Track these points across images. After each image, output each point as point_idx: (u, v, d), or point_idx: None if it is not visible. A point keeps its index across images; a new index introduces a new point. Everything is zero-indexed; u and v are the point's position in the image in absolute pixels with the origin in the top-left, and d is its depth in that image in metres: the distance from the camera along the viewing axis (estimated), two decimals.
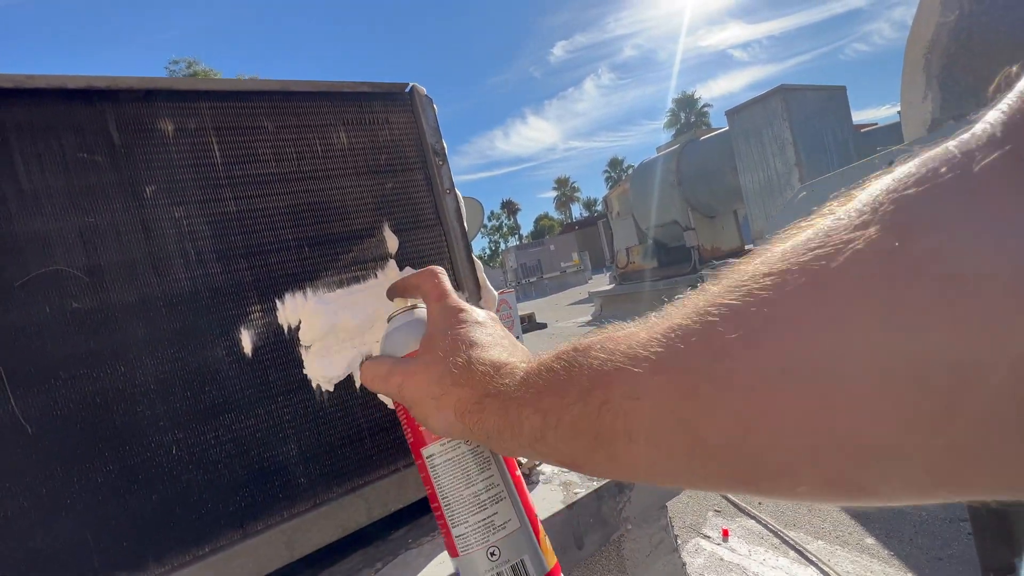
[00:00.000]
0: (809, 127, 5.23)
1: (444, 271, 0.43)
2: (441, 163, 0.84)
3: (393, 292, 0.46)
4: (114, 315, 0.58)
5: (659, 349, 0.23)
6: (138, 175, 0.62)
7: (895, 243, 0.17)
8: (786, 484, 0.19)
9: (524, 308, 10.01)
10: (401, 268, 0.78)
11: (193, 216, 0.65)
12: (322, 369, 0.69)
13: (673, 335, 0.22)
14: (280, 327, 0.68)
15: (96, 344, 0.57)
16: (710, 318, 0.21)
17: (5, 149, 0.55)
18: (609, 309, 7.80)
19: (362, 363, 0.42)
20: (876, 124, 8.69)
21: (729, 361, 0.20)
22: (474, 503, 0.36)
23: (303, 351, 0.69)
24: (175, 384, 0.61)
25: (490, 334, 0.37)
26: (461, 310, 0.39)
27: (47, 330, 0.55)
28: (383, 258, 0.77)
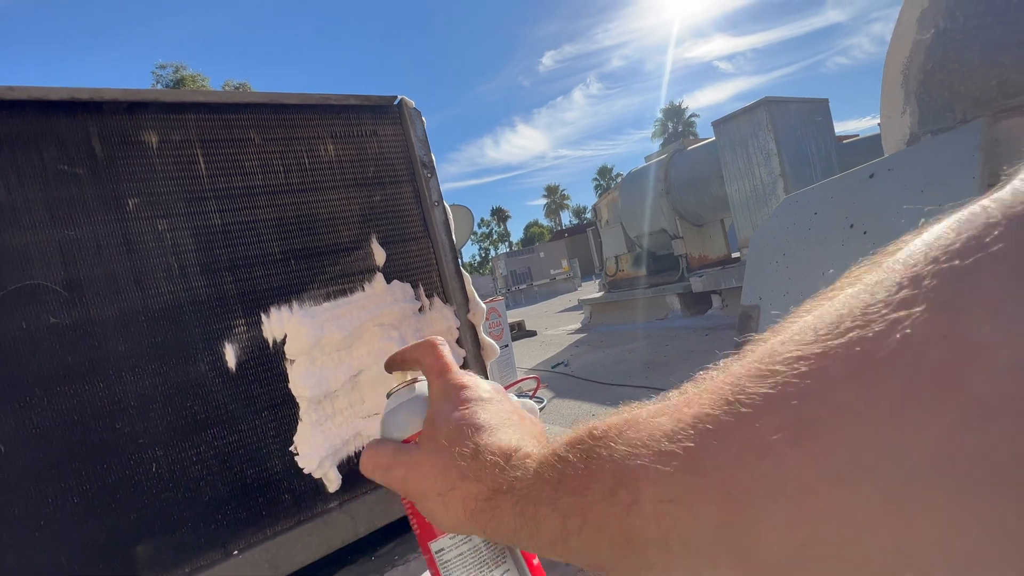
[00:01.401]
0: (793, 138, 5.33)
1: (445, 342, 0.39)
2: (429, 175, 0.84)
3: (392, 366, 0.42)
4: (93, 330, 0.57)
5: (689, 444, 0.20)
6: (120, 188, 0.61)
7: (949, 327, 0.15)
8: None
9: (514, 315, 10.00)
10: (388, 281, 0.78)
11: (177, 229, 0.64)
12: (308, 383, 0.68)
13: (703, 427, 0.20)
14: (265, 341, 0.68)
15: (74, 359, 0.56)
16: (743, 410, 0.19)
17: None
18: (598, 316, 7.83)
19: (365, 446, 0.38)
20: (857, 136, 8.88)
21: (774, 462, 0.18)
22: None
23: (288, 365, 0.68)
24: (156, 399, 0.60)
25: (496, 413, 0.34)
26: (464, 387, 0.36)
27: (23, 345, 0.54)
28: (370, 271, 0.77)
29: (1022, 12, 1.69)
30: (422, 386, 0.39)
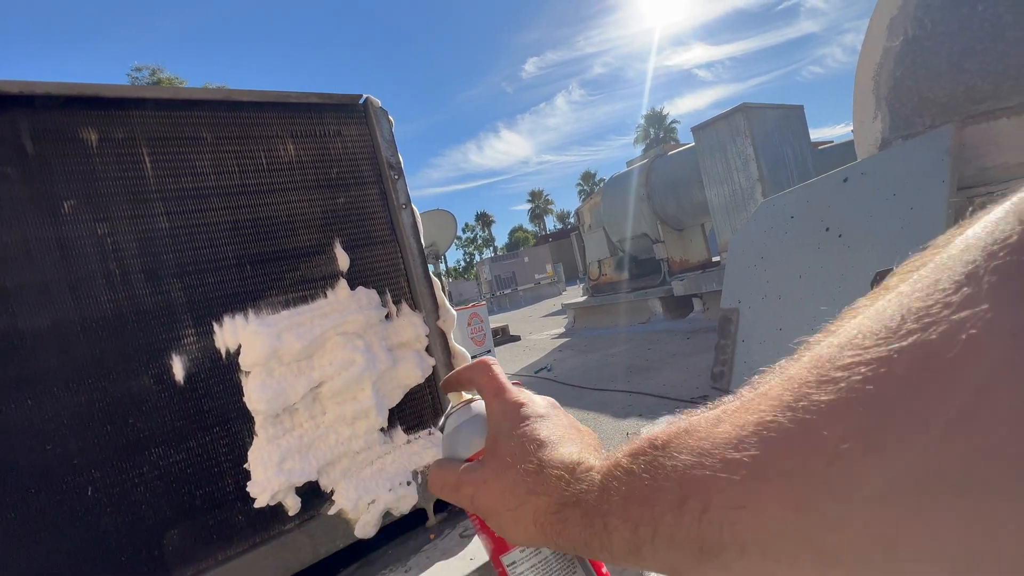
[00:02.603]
0: (770, 144, 5.43)
1: (496, 362, 0.41)
2: (397, 177, 0.81)
3: (448, 387, 0.45)
4: (21, 342, 0.53)
5: (755, 452, 0.21)
6: (55, 188, 0.56)
7: (1017, 324, 0.15)
8: None
9: (498, 320, 9.95)
10: (353, 287, 0.75)
11: (118, 233, 0.60)
12: (264, 396, 0.64)
13: (768, 435, 0.20)
14: (217, 351, 0.64)
15: None
16: (807, 416, 0.19)
17: None
18: (582, 321, 7.84)
19: (431, 467, 0.40)
20: (832, 142, 9.11)
21: (847, 469, 0.18)
22: None
23: (243, 377, 0.64)
24: (94, 417, 0.55)
25: (555, 428, 0.36)
26: (522, 404, 0.37)
27: None
28: (333, 276, 0.74)
29: (987, 20, 1.73)
30: (479, 405, 0.41)
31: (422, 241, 0.82)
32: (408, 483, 0.72)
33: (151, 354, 0.60)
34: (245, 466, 0.63)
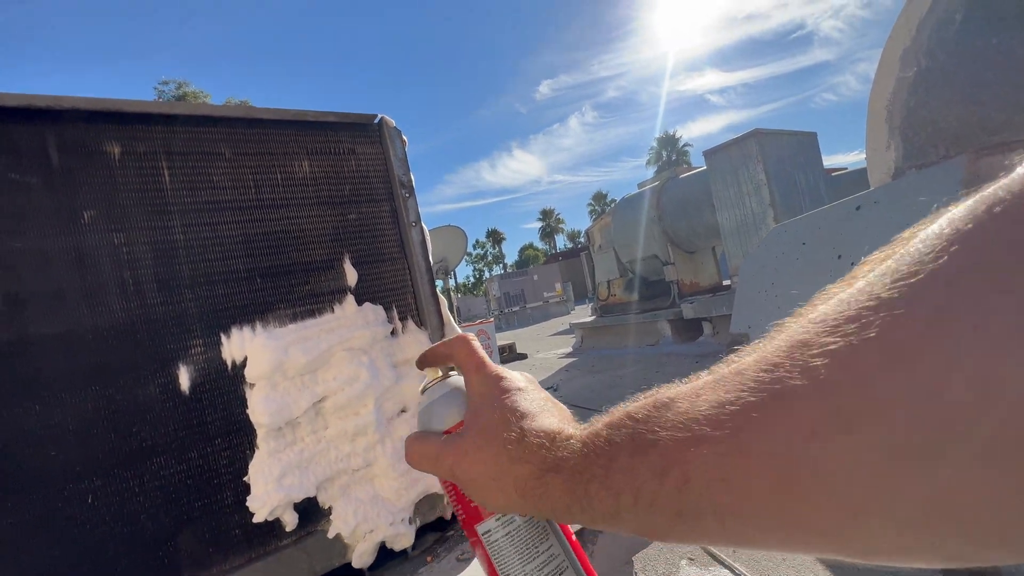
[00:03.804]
0: (782, 169, 5.42)
1: (475, 337, 0.42)
2: (408, 195, 0.82)
3: (424, 361, 0.45)
4: (32, 348, 0.54)
5: (736, 428, 0.22)
6: (76, 199, 0.58)
7: (977, 314, 0.16)
8: (898, 562, 0.20)
9: (506, 338, 9.91)
10: (360, 303, 0.75)
11: (135, 243, 0.61)
12: (268, 409, 0.64)
13: (749, 413, 0.22)
14: (223, 363, 0.64)
15: (6, 379, 0.52)
16: (786, 397, 0.21)
17: None
18: (590, 341, 7.78)
19: (407, 439, 0.40)
20: (845, 169, 9.06)
21: (822, 446, 0.19)
22: None
23: (248, 389, 0.65)
24: (98, 424, 0.56)
25: (534, 400, 0.37)
26: (502, 378, 0.38)
27: None
28: (341, 292, 0.74)
29: (1001, 53, 1.74)
30: (456, 380, 0.41)
31: (430, 259, 0.83)
32: (409, 521, 0.71)
33: (159, 363, 0.60)
34: (245, 479, 0.63)
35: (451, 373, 0.43)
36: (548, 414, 0.36)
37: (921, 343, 0.17)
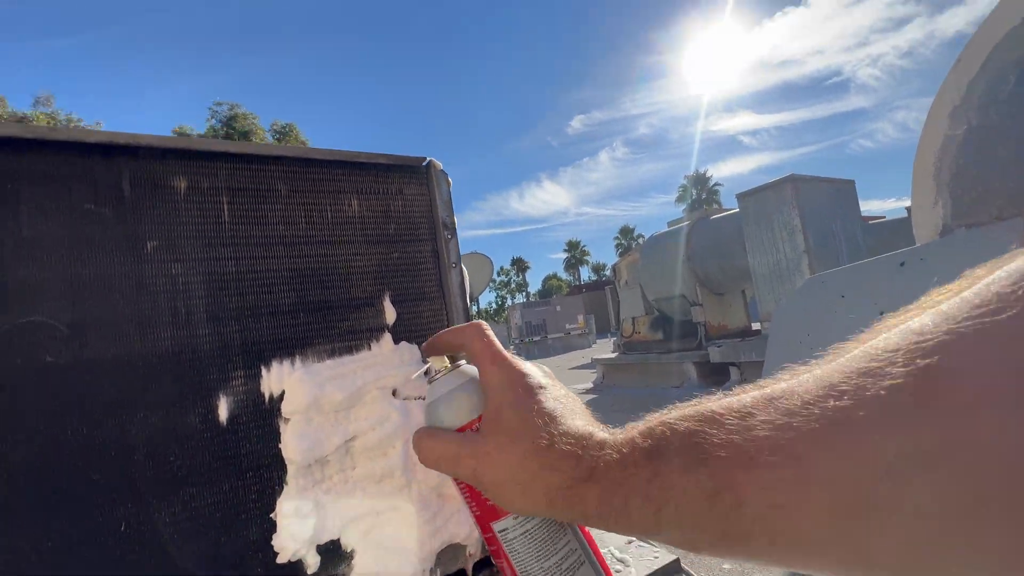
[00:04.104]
0: (818, 216, 5.32)
1: (488, 326, 0.39)
2: (450, 237, 0.83)
3: (432, 349, 0.42)
4: (87, 372, 0.55)
5: (798, 455, 0.21)
6: (142, 230, 0.61)
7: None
8: None
9: None
10: (396, 341, 0.76)
11: (191, 274, 0.63)
12: (301, 446, 0.64)
13: (811, 438, 0.20)
14: (261, 395, 0.65)
15: (60, 401, 0.54)
16: (857, 426, 0.19)
17: (13, 197, 0.55)
18: (611, 378, 7.64)
19: (417, 435, 0.38)
20: (884, 217, 8.84)
21: (899, 484, 0.18)
22: (557, 573, 0.34)
23: (282, 423, 0.65)
24: (138, 451, 0.57)
25: (559, 399, 0.35)
26: (524, 374, 0.36)
27: (11, 382, 0.52)
28: (379, 329, 0.75)
29: None
30: (469, 370, 0.39)
31: (468, 301, 0.84)
32: (430, 572, 0.69)
33: (201, 393, 0.61)
34: (272, 515, 0.63)
35: (460, 363, 0.40)
36: (574, 415, 0.34)
37: (1019, 381, 0.16)
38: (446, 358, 0.41)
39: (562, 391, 0.37)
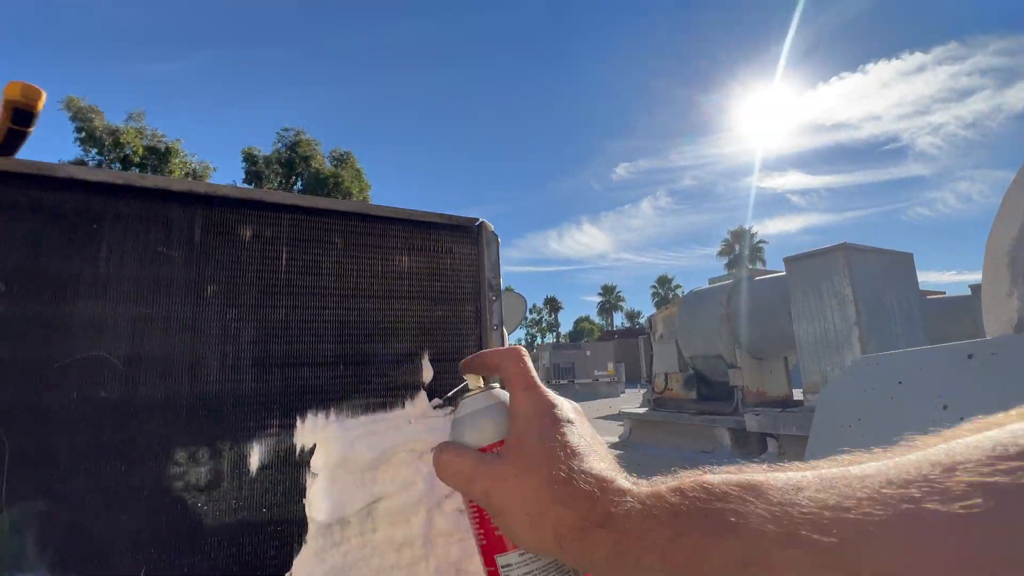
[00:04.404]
0: (872, 288, 5.07)
1: (527, 353, 0.39)
2: (494, 299, 0.83)
3: (469, 368, 0.42)
4: (135, 410, 0.57)
5: (842, 540, 0.19)
6: (205, 273, 0.64)
7: None
8: None
9: None
10: (431, 399, 0.75)
11: (243, 319, 0.65)
12: (325, 504, 0.63)
13: (861, 528, 0.18)
14: (293, 447, 0.65)
15: (109, 438, 0.55)
16: (918, 525, 0.17)
17: (98, 236, 0.58)
18: (639, 434, 7.34)
19: (437, 448, 0.38)
20: (944, 293, 8.35)
21: None
22: None
23: (310, 478, 0.64)
24: (168, 495, 0.57)
25: (584, 437, 0.34)
26: (554, 406, 0.35)
27: (66, 416, 0.54)
28: (415, 387, 0.74)
29: None
30: (500, 394, 0.38)
31: None
32: None
33: (236, 439, 0.62)
34: (287, 575, 0.61)
35: (493, 385, 0.40)
36: (597, 457, 0.33)
37: None
38: (481, 378, 0.41)
39: (589, 430, 0.36)
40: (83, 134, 22.77)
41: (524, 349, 0.40)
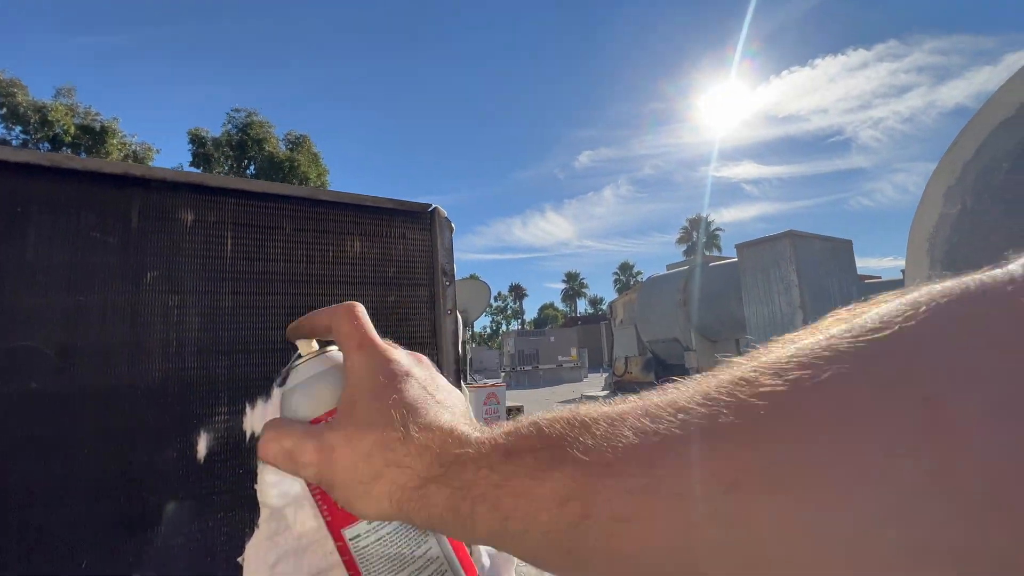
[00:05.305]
0: (814, 273, 5.39)
1: (362, 306, 0.35)
2: (448, 284, 0.84)
3: (297, 332, 0.36)
4: (71, 402, 0.55)
5: (651, 465, 0.19)
6: (144, 260, 0.62)
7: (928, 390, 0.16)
8: None
9: (514, 398, 9.72)
10: None
11: (186, 306, 0.64)
12: (276, 488, 0.63)
13: (670, 450, 0.19)
14: (243, 433, 0.64)
15: (37, 432, 0.53)
16: (713, 439, 0.18)
17: (23, 221, 0.56)
18: None
19: (263, 428, 0.33)
20: (880, 278, 8.94)
21: (743, 501, 0.17)
22: None
23: (260, 464, 0.64)
24: (111, 486, 0.56)
25: (426, 389, 0.31)
26: (389, 360, 0.32)
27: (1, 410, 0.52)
28: None
29: None
30: (334, 357, 0.35)
31: (460, 349, 0.84)
32: None
33: (183, 428, 0.61)
34: (239, 559, 0.61)
35: (328, 349, 0.36)
36: (441, 408, 0.30)
37: (875, 404, 0.15)
38: (314, 343, 0.36)
39: (433, 381, 0.33)
40: (3, 110, 20.86)
41: (360, 304, 0.36)
